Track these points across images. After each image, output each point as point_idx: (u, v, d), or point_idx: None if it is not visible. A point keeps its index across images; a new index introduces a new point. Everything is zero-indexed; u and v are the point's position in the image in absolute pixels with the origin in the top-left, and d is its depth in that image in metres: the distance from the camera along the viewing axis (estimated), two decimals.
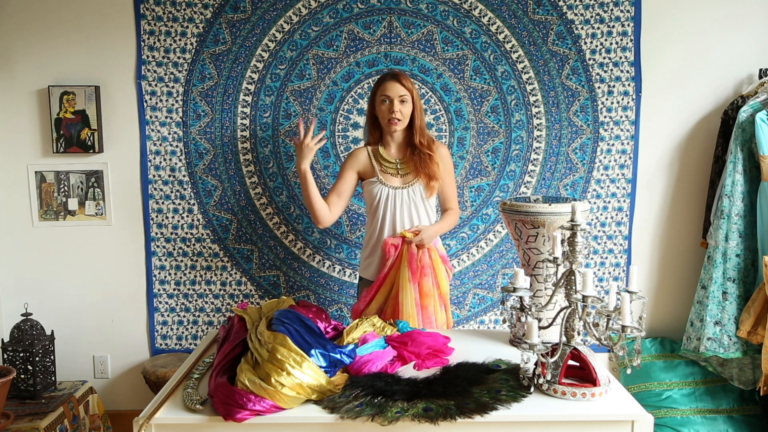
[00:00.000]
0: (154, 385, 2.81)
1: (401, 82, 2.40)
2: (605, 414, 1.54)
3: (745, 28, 2.94)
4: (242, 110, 2.98)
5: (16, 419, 2.42)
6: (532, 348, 1.54)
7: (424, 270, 2.38)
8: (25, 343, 2.58)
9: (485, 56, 2.95)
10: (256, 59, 2.95)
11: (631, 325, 1.50)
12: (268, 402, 1.51)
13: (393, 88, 2.39)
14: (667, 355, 3.04)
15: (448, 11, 2.92)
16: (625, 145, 3.00)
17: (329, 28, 2.94)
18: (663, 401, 2.94)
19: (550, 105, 2.97)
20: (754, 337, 2.67)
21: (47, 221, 3.02)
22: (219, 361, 1.69)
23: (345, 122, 2.99)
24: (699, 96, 2.99)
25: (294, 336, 1.63)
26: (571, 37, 2.93)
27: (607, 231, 3.07)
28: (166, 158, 3.00)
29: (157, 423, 1.53)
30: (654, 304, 3.13)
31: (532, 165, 3.02)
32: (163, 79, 2.95)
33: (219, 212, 3.04)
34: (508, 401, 1.55)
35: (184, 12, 2.91)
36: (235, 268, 3.07)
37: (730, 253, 2.77)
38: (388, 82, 2.41)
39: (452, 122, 2.99)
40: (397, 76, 2.42)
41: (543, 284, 1.99)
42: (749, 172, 2.75)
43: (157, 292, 3.07)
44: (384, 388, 1.58)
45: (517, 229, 2.04)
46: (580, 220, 1.63)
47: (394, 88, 2.39)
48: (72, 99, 2.90)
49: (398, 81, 2.40)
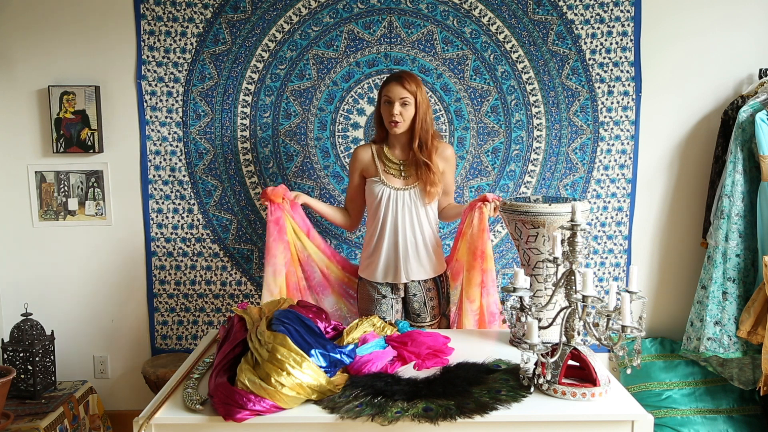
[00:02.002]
0: (154, 385, 2.81)
1: (404, 85, 2.37)
2: (605, 414, 1.54)
3: (745, 28, 2.94)
4: (242, 110, 2.98)
5: (16, 419, 2.42)
6: (532, 348, 1.54)
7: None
8: (25, 343, 2.58)
9: (485, 56, 2.95)
10: (256, 59, 2.95)
11: (631, 325, 1.50)
12: (268, 402, 1.51)
13: (395, 90, 2.37)
14: (667, 355, 3.04)
15: (448, 11, 2.92)
16: (625, 145, 3.00)
17: (329, 28, 2.94)
18: (663, 401, 2.94)
19: (550, 105, 2.97)
20: (754, 337, 2.67)
21: (47, 221, 3.02)
22: (219, 361, 1.69)
23: (345, 122, 2.99)
24: (699, 96, 2.99)
25: (294, 336, 1.63)
26: (571, 37, 2.93)
27: (607, 231, 3.07)
28: (166, 158, 3.00)
29: (157, 423, 1.53)
30: (654, 304, 3.13)
31: (532, 165, 3.02)
32: (163, 79, 2.95)
33: (219, 212, 3.04)
34: (508, 401, 1.55)
35: (184, 12, 2.91)
36: (235, 268, 3.07)
37: (730, 253, 2.77)
38: (392, 83, 2.39)
39: (452, 122, 2.99)
40: (402, 78, 2.38)
41: (543, 284, 1.99)
42: (749, 172, 2.75)
43: (157, 292, 3.07)
44: (384, 388, 1.58)
45: (517, 229, 2.04)
46: (580, 220, 1.63)
47: (396, 90, 2.37)
48: (72, 99, 2.90)
49: (401, 83, 2.37)
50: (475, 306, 2.40)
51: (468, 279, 2.42)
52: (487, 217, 2.38)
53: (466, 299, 2.42)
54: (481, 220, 2.37)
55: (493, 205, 2.37)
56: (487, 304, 2.40)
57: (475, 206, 2.40)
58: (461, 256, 2.49)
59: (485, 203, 2.37)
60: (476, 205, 2.39)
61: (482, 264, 2.38)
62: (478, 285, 2.39)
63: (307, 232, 2.53)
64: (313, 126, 2.99)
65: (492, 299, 2.40)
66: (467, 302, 2.41)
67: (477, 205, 2.39)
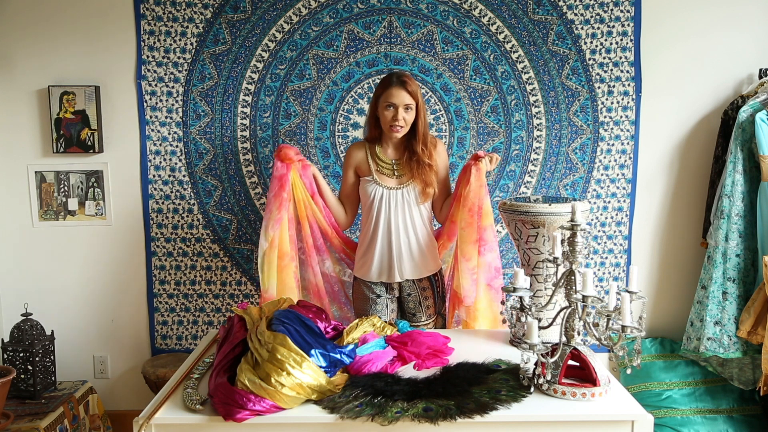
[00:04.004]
0: (154, 385, 2.81)
1: (407, 89, 2.33)
2: (605, 414, 1.55)
3: (745, 28, 2.94)
4: (242, 110, 2.98)
5: (16, 419, 2.42)
6: (532, 348, 1.54)
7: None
8: (25, 343, 2.58)
9: (485, 56, 2.95)
10: (256, 59, 2.95)
11: (631, 325, 1.50)
12: (268, 402, 1.51)
13: (399, 95, 2.32)
14: (667, 355, 3.04)
15: (448, 11, 2.92)
16: (625, 145, 3.00)
17: (329, 28, 2.94)
18: (663, 401, 2.94)
19: (550, 105, 2.97)
20: (754, 337, 2.67)
21: (47, 221, 3.02)
22: (219, 361, 1.69)
23: (345, 122, 2.99)
24: (699, 96, 2.99)
25: (294, 336, 1.63)
26: (571, 37, 2.93)
27: (607, 231, 3.07)
28: (166, 158, 3.00)
29: (157, 423, 1.53)
30: (654, 304, 3.13)
31: (532, 165, 3.02)
32: (163, 79, 2.95)
33: (219, 212, 3.04)
34: (508, 401, 1.55)
35: (184, 12, 2.91)
36: (235, 268, 3.07)
37: (730, 253, 2.77)
38: (395, 88, 2.33)
39: (452, 122, 2.99)
40: (404, 82, 2.34)
41: (543, 284, 1.99)
42: (749, 172, 2.75)
43: (157, 292, 3.07)
44: (384, 388, 1.59)
45: (517, 229, 2.04)
46: (580, 220, 1.63)
47: (400, 95, 2.32)
48: (72, 99, 2.90)
49: (404, 88, 2.32)
50: (472, 264, 2.39)
51: (463, 237, 2.40)
52: (484, 172, 2.37)
53: (462, 258, 2.40)
54: (478, 177, 2.36)
55: (487, 158, 2.37)
56: (488, 262, 2.39)
57: (470, 167, 2.39)
58: (456, 218, 2.47)
59: (479, 160, 2.38)
60: (470, 165, 2.39)
61: (479, 221, 2.37)
62: (474, 242, 2.38)
63: (312, 195, 2.53)
64: (313, 126, 2.99)
65: (494, 254, 2.40)
66: (463, 260, 2.40)
67: (472, 164, 2.39)
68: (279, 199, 2.44)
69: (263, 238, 2.45)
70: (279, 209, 2.44)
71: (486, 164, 2.38)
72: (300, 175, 2.49)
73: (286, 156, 2.45)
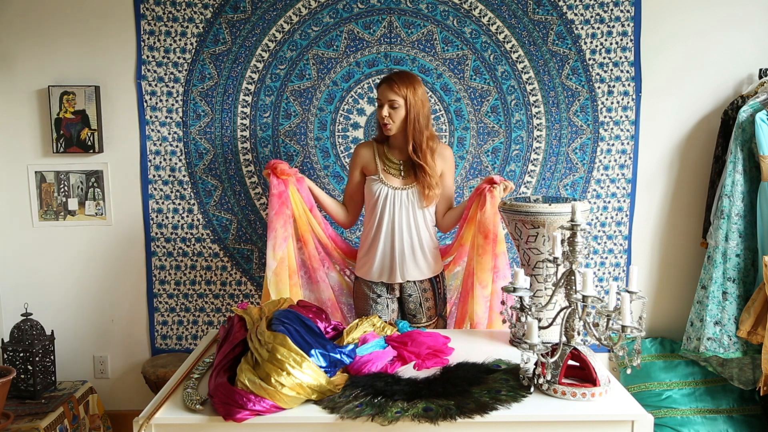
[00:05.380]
0: (154, 385, 2.81)
1: (392, 87, 2.34)
2: (605, 414, 1.55)
3: (745, 28, 2.94)
4: (242, 110, 2.98)
5: (16, 419, 2.42)
6: (532, 348, 1.54)
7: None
8: (25, 343, 2.58)
9: (485, 56, 2.95)
10: (256, 59, 2.95)
11: (631, 325, 1.50)
12: (268, 402, 1.51)
13: (383, 93, 2.36)
14: (667, 355, 3.04)
15: (448, 11, 2.92)
16: (625, 145, 3.00)
17: (329, 28, 2.94)
18: (663, 401, 2.94)
19: (550, 105, 2.97)
20: (754, 337, 2.67)
21: (47, 221, 3.02)
22: (219, 361, 1.69)
23: (345, 122, 2.99)
24: (699, 96, 2.99)
25: (294, 336, 1.63)
26: (571, 37, 2.93)
27: (607, 231, 3.07)
28: (166, 158, 3.00)
29: (157, 423, 1.53)
30: (654, 304, 3.13)
31: (532, 165, 3.02)
32: (163, 79, 2.95)
33: (219, 212, 3.04)
34: (508, 401, 1.55)
35: (184, 12, 2.91)
36: (235, 268, 3.07)
37: (730, 253, 2.77)
38: (382, 86, 2.38)
39: (452, 122, 2.99)
40: (391, 80, 2.36)
41: (543, 284, 1.99)
42: (749, 172, 2.75)
43: (157, 292, 3.07)
44: (384, 388, 1.59)
45: (517, 229, 2.04)
46: (580, 220, 1.63)
47: (384, 93, 2.36)
48: (72, 99, 2.90)
49: (390, 86, 2.35)
50: (488, 291, 2.38)
51: (480, 264, 2.38)
52: (498, 198, 2.35)
53: (478, 284, 2.38)
54: (494, 204, 2.34)
55: (502, 186, 2.36)
56: (500, 289, 2.38)
57: (483, 189, 2.38)
58: (466, 241, 2.48)
59: (494, 186, 2.36)
60: (484, 189, 2.38)
61: (495, 248, 2.36)
62: (490, 270, 2.37)
63: (310, 209, 2.52)
64: (313, 126, 2.99)
65: (505, 282, 2.39)
66: (479, 287, 2.38)
67: (486, 188, 2.37)
68: (282, 216, 2.41)
69: (271, 258, 2.40)
70: (284, 226, 2.42)
71: (500, 191, 2.36)
72: (297, 189, 2.47)
73: (283, 171, 2.42)
